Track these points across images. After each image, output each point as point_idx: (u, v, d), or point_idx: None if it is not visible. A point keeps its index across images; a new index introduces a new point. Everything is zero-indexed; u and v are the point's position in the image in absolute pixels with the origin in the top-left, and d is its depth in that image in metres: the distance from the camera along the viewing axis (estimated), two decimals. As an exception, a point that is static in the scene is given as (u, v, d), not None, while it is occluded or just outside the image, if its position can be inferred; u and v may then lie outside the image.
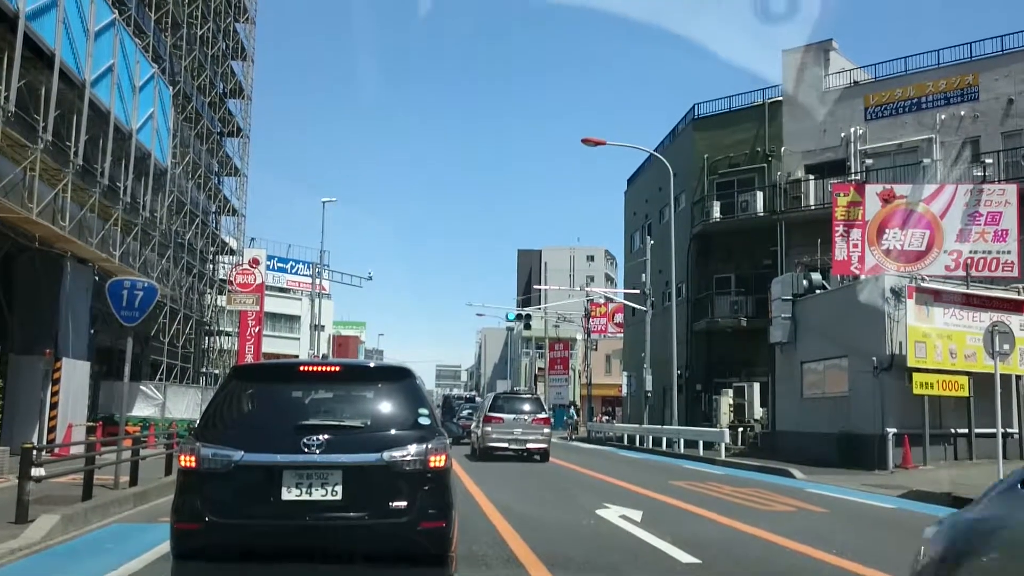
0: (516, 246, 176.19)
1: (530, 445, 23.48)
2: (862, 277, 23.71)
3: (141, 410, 26.10)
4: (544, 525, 10.04)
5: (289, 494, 5.46)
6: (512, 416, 24.09)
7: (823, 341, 23.95)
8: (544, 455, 23.65)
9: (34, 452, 9.42)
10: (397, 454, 5.62)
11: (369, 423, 5.89)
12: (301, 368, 6.67)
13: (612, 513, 10.99)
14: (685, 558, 7.81)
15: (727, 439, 25.13)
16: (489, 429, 23.97)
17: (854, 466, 20.48)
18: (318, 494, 5.48)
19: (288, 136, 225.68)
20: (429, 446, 5.72)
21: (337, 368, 6.52)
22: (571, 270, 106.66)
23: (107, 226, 23.05)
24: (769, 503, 13.09)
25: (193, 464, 5.62)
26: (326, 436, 5.60)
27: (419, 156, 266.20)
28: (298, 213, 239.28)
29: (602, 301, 66.47)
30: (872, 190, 24.73)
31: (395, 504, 5.55)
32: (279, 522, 5.48)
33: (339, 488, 5.50)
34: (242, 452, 5.51)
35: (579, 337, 74.72)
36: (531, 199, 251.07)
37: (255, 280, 21.21)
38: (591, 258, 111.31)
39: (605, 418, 56.41)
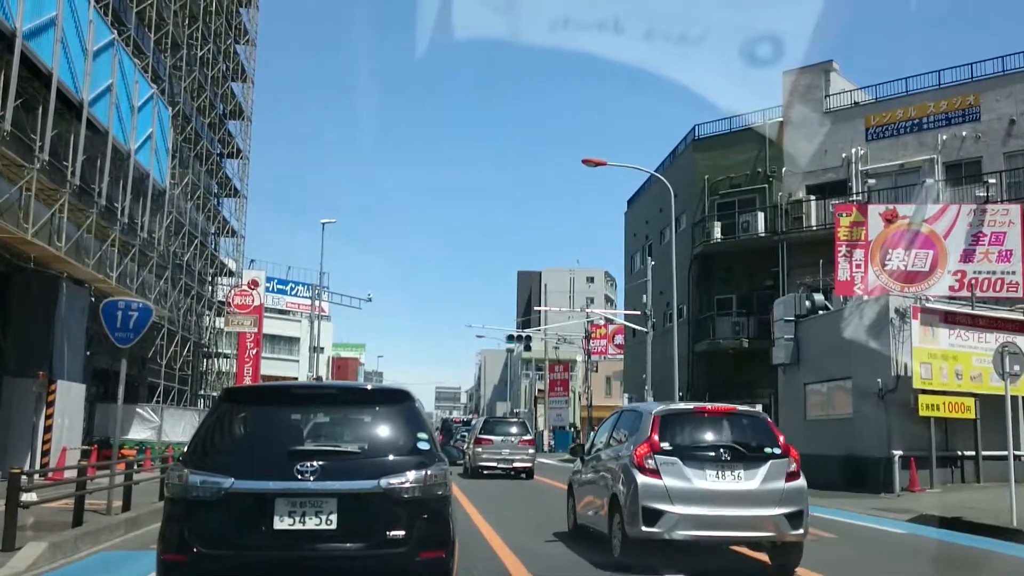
0: (516, 268, 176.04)
1: (516, 464, 25.70)
2: (865, 298, 23.50)
3: (138, 433, 25.78)
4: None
5: (282, 523, 5.21)
6: (500, 438, 26.30)
7: (826, 362, 23.71)
8: (529, 473, 25.98)
9: (23, 478, 9.16)
10: (395, 481, 5.37)
11: (366, 448, 5.64)
12: (295, 390, 6.49)
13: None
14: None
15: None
16: (480, 450, 26.11)
17: (860, 489, 20.18)
18: (312, 523, 5.22)
19: (288, 158, 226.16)
20: (429, 472, 5.48)
21: (333, 390, 6.44)
22: (571, 291, 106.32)
23: (104, 247, 22.89)
24: (776, 528, 12.77)
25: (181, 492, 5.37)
26: (321, 462, 5.35)
27: (420, 180, 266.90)
28: (298, 235, 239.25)
29: (602, 323, 66.33)
30: (875, 210, 24.57)
31: (393, 533, 5.31)
32: (271, 553, 5.23)
33: (334, 517, 5.25)
34: (232, 479, 5.25)
35: (579, 359, 74.38)
36: (531, 221, 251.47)
37: (253, 301, 20.97)
38: (591, 280, 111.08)
39: (606, 440, 55.98)
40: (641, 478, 8.84)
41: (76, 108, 20.04)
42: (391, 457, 5.56)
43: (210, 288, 36.18)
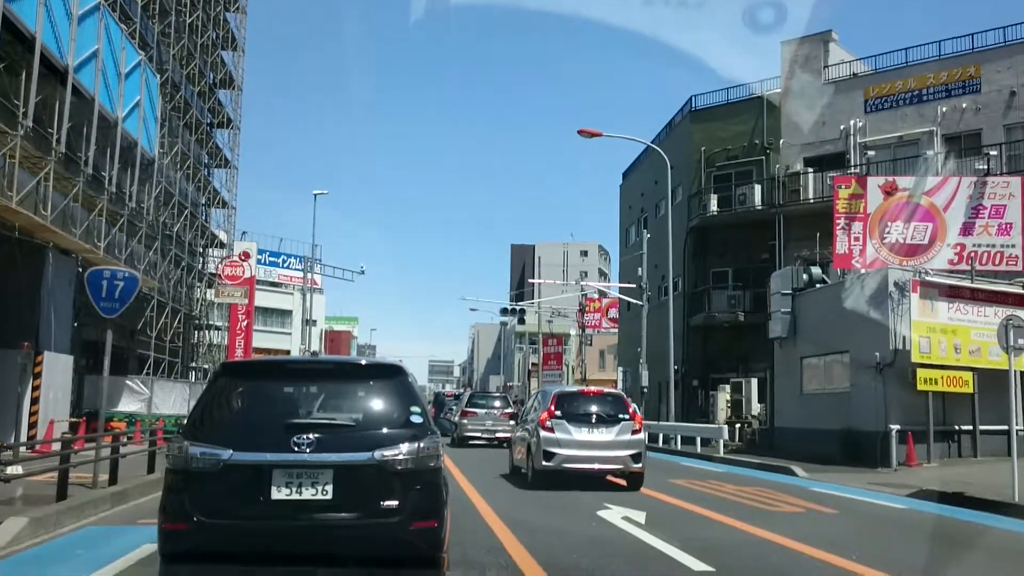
0: (509, 241, 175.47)
1: (499, 435, 27.07)
2: (864, 271, 23.26)
3: (127, 405, 25.49)
4: (543, 529, 9.52)
5: (279, 493, 5.32)
6: (484, 411, 29.02)
7: (824, 336, 23.51)
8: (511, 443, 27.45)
9: (3, 451, 8.86)
10: (389, 453, 5.48)
11: (361, 421, 5.75)
12: (291, 365, 6.73)
13: (614, 514, 10.49)
14: (697, 566, 7.30)
15: (725, 435, 24.67)
16: (466, 421, 28.66)
17: (856, 463, 20.05)
18: (308, 493, 5.34)
19: (280, 128, 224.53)
20: (421, 445, 5.60)
21: (328, 365, 6.57)
22: (564, 265, 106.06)
23: (91, 217, 22.49)
24: (775, 503, 12.60)
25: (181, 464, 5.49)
26: (317, 434, 5.46)
27: (413, 151, 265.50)
28: (290, 207, 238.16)
29: (596, 296, 66.04)
30: (874, 182, 24.25)
31: (386, 504, 5.43)
32: (269, 522, 5.35)
33: (330, 487, 5.36)
34: (231, 451, 5.36)
35: (572, 332, 74.19)
36: (525, 195, 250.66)
37: (244, 273, 20.58)
38: (584, 253, 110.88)
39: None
40: (543, 433, 14.35)
41: (61, 74, 19.56)
42: (385, 430, 5.68)
43: (201, 259, 35.77)
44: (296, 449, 5.37)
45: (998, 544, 9.62)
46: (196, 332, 37.39)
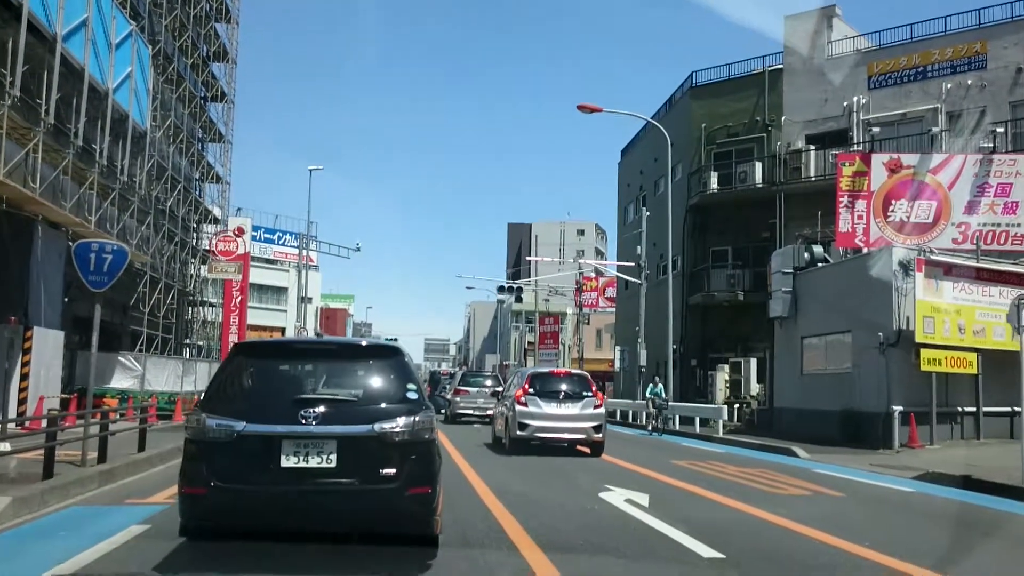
0: (506, 220, 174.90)
1: (490, 412, 26.92)
2: (867, 250, 22.95)
3: (119, 382, 25.13)
4: (543, 511, 9.22)
5: (287, 461, 5.82)
6: (476, 389, 30.03)
7: (825, 316, 23.22)
8: None
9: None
10: (387, 426, 5.98)
11: (361, 397, 6.25)
12: (299, 345, 7.51)
13: (617, 497, 10.20)
14: (706, 552, 6.99)
15: (725, 416, 24.42)
16: (458, 399, 29.84)
17: (857, 445, 19.83)
18: (314, 462, 5.83)
19: (275, 103, 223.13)
20: (416, 419, 6.09)
21: (332, 346, 7.38)
22: (561, 244, 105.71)
23: (82, 190, 22.06)
24: (780, 485, 12.32)
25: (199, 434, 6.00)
26: (322, 409, 5.96)
27: (410, 129, 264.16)
28: (286, 183, 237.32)
29: (593, 275, 65.66)
30: (878, 160, 23.89)
31: (385, 471, 5.91)
32: (278, 487, 5.83)
33: (333, 456, 5.85)
34: (244, 423, 5.87)
35: (569, 311, 73.91)
36: (522, 174, 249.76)
37: (238, 248, 20.14)
38: (581, 232, 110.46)
39: (596, 393, 55.68)
40: (518, 407, 16.91)
41: (49, 43, 19.06)
42: (383, 405, 6.18)
43: (195, 235, 35.31)
44: (303, 422, 5.87)
45: (1014, 530, 9.34)
46: (190, 309, 37.02)
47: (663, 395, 27.26)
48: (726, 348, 32.70)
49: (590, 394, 17.31)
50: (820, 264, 24.72)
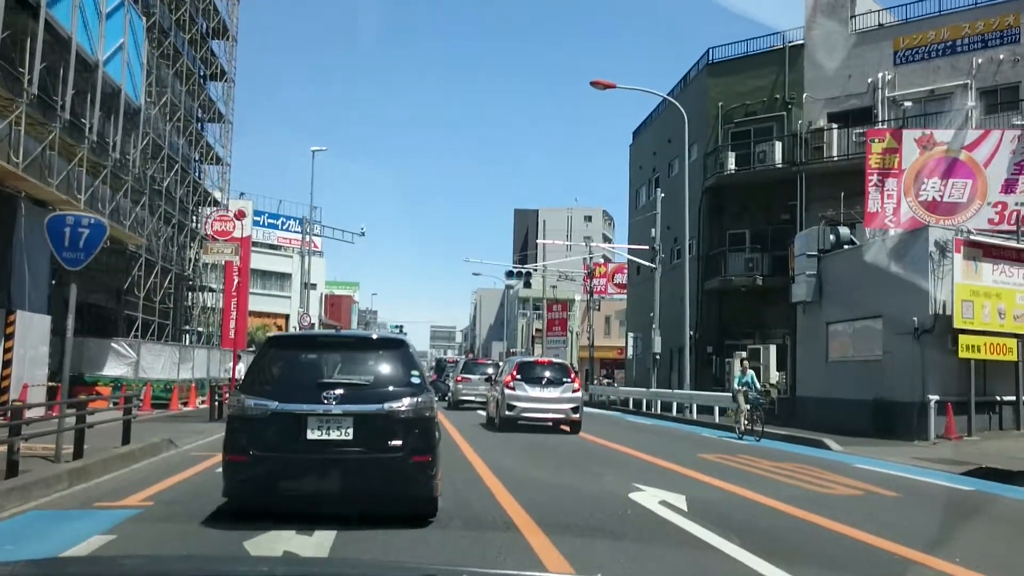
0: (512, 207, 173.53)
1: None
2: (896, 231, 21.75)
3: (113, 369, 24.05)
4: (571, 512, 8.10)
5: (312, 435, 6.95)
6: (477, 377, 30.43)
7: (853, 300, 22.01)
8: None
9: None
10: (394, 405, 7.11)
11: (373, 381, 7.37)
12: (321, 338, 9.32)
13: (649, 498, 9.07)
14: (773, 572, 5.84)
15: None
16: (460, 387, 30.65)
17: (889, 436, 18.68)
18: (334, 435, 6.96)
19: (281, 82, 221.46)
20: (419, 400, 7.23)
21: (349, 339, 8.90)
22: (568, 230, 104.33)
23: (71, 166, 20.92)
24: (826, 484, 11.17)
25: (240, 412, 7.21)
26: (340, 391, 7.08)
27: (416, 113, 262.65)
28: (290, 168, 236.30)
29: (602, 261, 64.38)
30: (910, 136, 22.64)
31: (393, 443, 7.04)
32: (304, 455, 6.97)
33: (350, 430, 6.97)
34: (276, 403, 7.02)
35: (577, 298, 72.76)
36: (528, 160, 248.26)
37: (234, 230, 19.00)
38: (589, 219, 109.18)
39: (605, 381, 54.69)
40: (507, 391, 19.28)
41: (32, 8, 17.90)
42: (391, 388, 7.29)
43: (193, 218, 34.15)
44: (325, 402, 6.99)
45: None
46: (190, 294, 35.93)
47: (757, 385, 19.96)
48: (743, 335, 31.46)
49: (569, 380, 19.98)
50: (846, 246, 23.50)
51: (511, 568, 5.66)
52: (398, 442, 7.01)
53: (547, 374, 19.90)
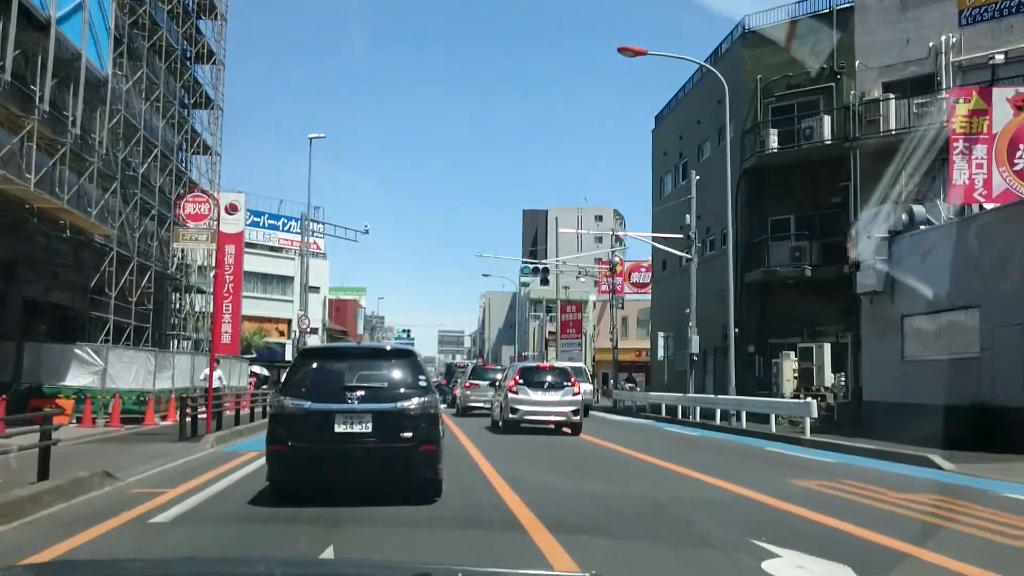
0: (519, 209, 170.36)
1: None
2: (988, 205, 18.52)
3: (77, 379, 20.86)
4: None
5: (339, 428, 8.65)
6: (485, 383, 29.53)
7: (937, 288, 18.76)
8: None
9: None
10: (405, 404, 8.86)
11: (387, 384, 9.11)
12: (344, 350, 12.21)
13: (783, 567, 5.82)
14: None
15: (815, 413, 19.75)
16: (468, 392, 30.47)
17: (994, 448, 15.38)
18: (357, 428, 8.66)
19: (278, 77, 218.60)
20: (425, 400, 8.98)
21: (367, 350, 11.24)
22: (579, 230, 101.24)
23: (15, 140, 17.78)
24: (999, 528, 7.91)
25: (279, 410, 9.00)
26: (361, 392, 8.87)
27: (421, 115, 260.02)
28: (290, 165, 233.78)
29: (617, 259, 61.20)
30: (1001, 94, 19.44)
31: (404, 435, 8.72)
32: (333, 445, 8.64)
33: (370, 425, 8.67)
34: (310, 402, 8.79)
35: (592, 298, 69.60)
36: (537, 159, 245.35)
37: (210, 213, 16.03)
38: (600, 218, 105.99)
39: (628, 385, 51.43)
40: (511, 395, 20.59)
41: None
42: (402, 390, 9.03)
43: (176, 210, 30.97)
44: (349, 401, 8.79)
45: None
46: (175, 295, 32.81)
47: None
48: (790, 332, 28.16)
49: (569, 384, 21.00)
50: (923, 227, 20.26)
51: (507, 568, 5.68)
52: (409, 434, 8.71)
53: (549, 378, 21.02)
